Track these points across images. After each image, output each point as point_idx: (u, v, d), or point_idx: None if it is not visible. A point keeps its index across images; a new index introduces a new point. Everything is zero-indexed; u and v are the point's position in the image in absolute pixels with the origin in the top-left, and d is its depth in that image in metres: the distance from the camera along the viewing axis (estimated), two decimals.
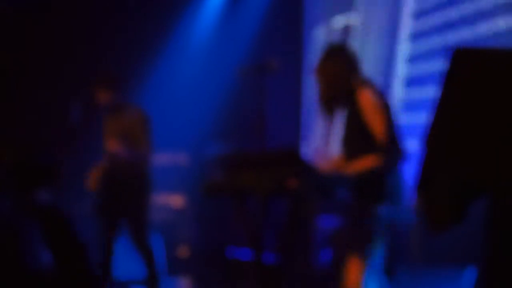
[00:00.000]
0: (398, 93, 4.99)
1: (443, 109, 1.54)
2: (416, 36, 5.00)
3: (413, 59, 5.06)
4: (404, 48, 5.14)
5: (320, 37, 6.43)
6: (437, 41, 4.72)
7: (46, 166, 1.21)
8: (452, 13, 4.53)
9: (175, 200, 6.17)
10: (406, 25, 5.20)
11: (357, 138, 2.86)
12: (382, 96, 2.88)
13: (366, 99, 2.81)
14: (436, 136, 1.57)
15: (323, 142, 3.46)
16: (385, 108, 2.82)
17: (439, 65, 4.36)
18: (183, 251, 5.97)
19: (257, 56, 6.16)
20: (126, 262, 4.79)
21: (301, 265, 4.22)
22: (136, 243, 4.24)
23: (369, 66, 4.64)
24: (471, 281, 3.68)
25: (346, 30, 5.91)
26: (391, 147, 2.77)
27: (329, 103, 3.02)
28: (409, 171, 2.84)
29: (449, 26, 4.59)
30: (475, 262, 3.76)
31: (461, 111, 1.50)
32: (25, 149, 1.12)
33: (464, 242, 3.78)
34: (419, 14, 5.05)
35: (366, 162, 2.77)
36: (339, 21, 6.01)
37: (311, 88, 6.50)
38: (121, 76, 4.41)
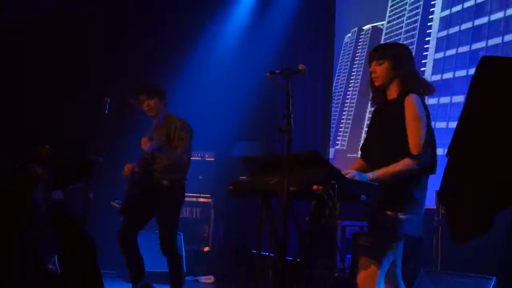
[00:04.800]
0: None
1: (468, 118, 1.54)
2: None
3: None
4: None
5: (350, 40, 6.44)
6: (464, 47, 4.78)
7: (84, 164, 1.27)
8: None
9: (201, 199, 6.24)
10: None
11: (390, 141, 2.85)
12: (425, 104, 2.88)
13: (412, 104, 2.81)
14: (460, 145, 1.58)
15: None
16: (427, 117, 2.84)
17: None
18: (206, 247, 6.03)
19: (286, 60, 6.19)
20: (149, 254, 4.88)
21: (321, 266, 4.23)
22: (165, 247, 4.29)
23: None
24: None
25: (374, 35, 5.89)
26: (425, 155, 2.78)
27: (377, 92, 2.99)
28: (435, 178, 2.85)
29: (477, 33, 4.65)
30: (496, 271, 3.73)
31: (486, 120, 1.50)
32: (67, 149, 1.18)
33: (486, 251, 3.75)
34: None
35: (397, 166, 2.77)
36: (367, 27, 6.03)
37: (340, 92, 6.50)
38: (161, 86, 4.54)
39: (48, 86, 6.09)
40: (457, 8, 5.15)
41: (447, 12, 5.25)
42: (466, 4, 5.02)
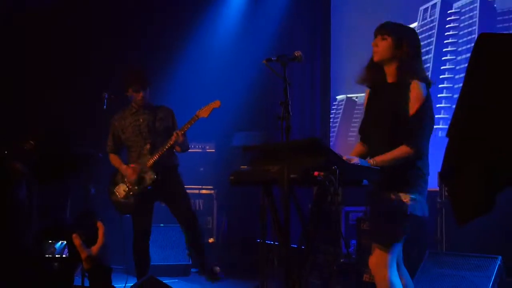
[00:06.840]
0: None
1: (467, 97, 1.53)
2: None
3: None
4: None
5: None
6: None
7: (76, 157, 1.25)
8: None
9: (204, 190, 6.23)
10: None
11: (390, 126, 2.84)
12: (429, 92, 2.87)
13: (418, 92, 2.79)
14: (460, 124, 1.56)
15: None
16: (430, 106, 2.82)
17: None
18: (211, 239, 6.04)
19: (283, 47, 6.15)
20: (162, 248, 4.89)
21: (326, 253, 4.24)
22: (187, 222, 4.40)
23: None
24: (497, 269, 3.65)
25: None
26: (423, 143, 2.78)
27: (374, 70, 2.95)
28: (437, 160, 2.84)
29: None
30: (502, 250, 3.72)
31: (485, 98, 1.48)
32: (53, 142, 1.16)
33: (491, 231, 3.74)
34: None
35: (395, 154, 2.77)
36: None
37: (338, 79, 6.47)
38: (148, 75, 4.56)
39: (44, 80, 6.07)
40: None
41: None
42: None
